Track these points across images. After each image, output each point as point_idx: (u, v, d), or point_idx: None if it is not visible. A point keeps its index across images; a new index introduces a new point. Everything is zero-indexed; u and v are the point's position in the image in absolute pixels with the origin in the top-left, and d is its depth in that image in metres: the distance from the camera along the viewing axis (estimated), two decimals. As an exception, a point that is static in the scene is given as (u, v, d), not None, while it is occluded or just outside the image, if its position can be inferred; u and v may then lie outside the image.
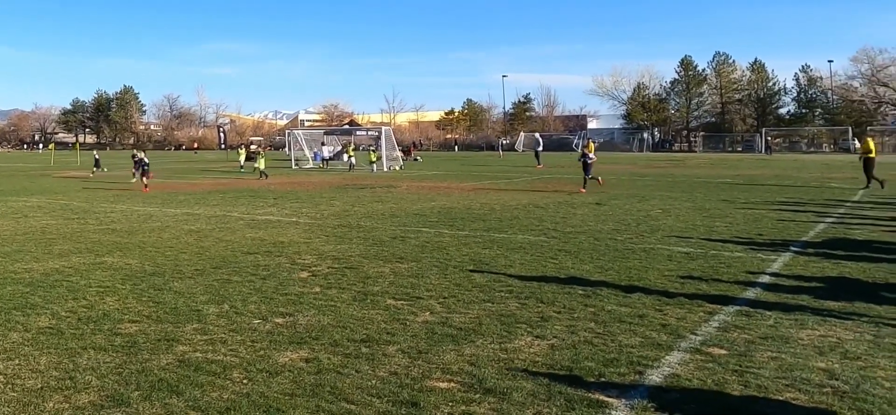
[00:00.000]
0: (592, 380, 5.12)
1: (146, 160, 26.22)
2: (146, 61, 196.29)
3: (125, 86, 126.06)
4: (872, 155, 23.51)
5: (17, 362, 5.63)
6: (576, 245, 11.31)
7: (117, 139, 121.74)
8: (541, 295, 7.77)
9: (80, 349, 5.93)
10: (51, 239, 12.41)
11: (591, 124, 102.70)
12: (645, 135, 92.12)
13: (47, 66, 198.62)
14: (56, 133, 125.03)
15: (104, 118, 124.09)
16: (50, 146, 74.32)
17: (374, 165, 37.36)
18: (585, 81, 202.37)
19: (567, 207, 17.45)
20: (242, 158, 37.36)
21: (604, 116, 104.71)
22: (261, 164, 32.43)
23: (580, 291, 7.93)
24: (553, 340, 6.12)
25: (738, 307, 7.20)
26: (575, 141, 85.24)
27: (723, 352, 5.75)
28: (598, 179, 23.37)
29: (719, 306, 7.24)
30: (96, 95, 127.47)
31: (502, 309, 7.19)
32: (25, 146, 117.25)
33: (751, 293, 7.85)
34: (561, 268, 9.39)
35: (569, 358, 5.62)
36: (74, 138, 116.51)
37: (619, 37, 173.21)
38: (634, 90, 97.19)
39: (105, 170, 36.07)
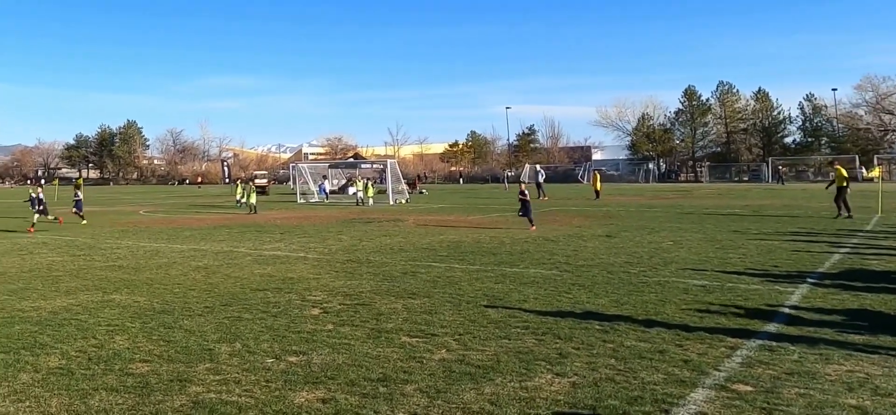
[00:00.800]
0: (618, 419, 5.03)
1: (40, 197, 24.39)
2: (149, 96, 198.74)
3: (128, 120, 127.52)
4: (844, 184, 23.59)
5: (27, 403, 5.56)
6: (589, 279, 11.23)
7: (121, 174, 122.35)
8: (558, 331, 7.68)
9: (92, 390, 5.85)
10: (57, 276, 12.37)
11: (596, 155, 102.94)
12: (650, 165, 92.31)
13: (50, 102, 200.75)
14: (59, 168, 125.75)
15: (108, 153, 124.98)
16: (54, 182, 74.57)
17: (371, 199, 37.21)
18: (589, 112, 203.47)
19: (577, 239, 17.38)
20: (238, 193, 37.10)
21: (609, 147, 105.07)
22: (252, 198, 32.36)
23: (598, 326, 7.85)
24: (574, 377, 6.03)
25: (760, 342, 7.10)
26: (580, 172, 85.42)
27: (749, 389, 5.65)
28: (530, 221, 20.39)
29: (741, 341, 7.14)
30: (100, 130, 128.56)
31: (520, 345, 7.10)
32: (29, 182, 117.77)
33: (772, 327, 7.75)
34: (576, 302, 9.30)
35: (591, 396, 5.53)
36: (78, 173, 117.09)
37: (622, 68, 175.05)
38: (639, 121, 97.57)
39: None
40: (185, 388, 5.89)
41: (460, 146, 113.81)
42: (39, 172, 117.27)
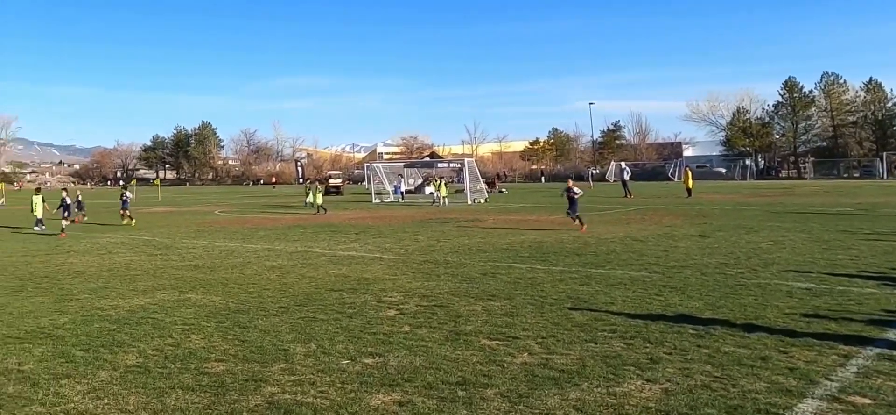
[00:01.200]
0: (718, 430, 4.84)
1: (68, 202, 24.05)
2: (223, 97, 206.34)
3: (203, 122, 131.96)
4: None
5: (106, 401, 5.79)
6: (681, 280, 10.90)
7: (196, 175, 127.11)
8: (648, 335, 7.48)
9: (168, 389, 6.05)
10: (135, 275, 12.91)
11: (687, 152, 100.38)
12: (747, 162, 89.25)
13: (128, 104, 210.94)
14: (137, 169, 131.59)
15: (183, 154, 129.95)
16: (132, 182, 78.24)
17: (445, 198, 37.24)
18: (679, 107, 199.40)
19: (667, 239, 16.93)
20: (310, 196, 37.61)
21: (701, 142, 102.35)
22: (318, 198, 32.89)
23: (691, 331, 7.60)
24: (666, 384, 5.85)
25: (878, 350, 6.71)
26: (670, 169, 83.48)
27: (867, 402, 5.33)
28: (579, 220, 20.06)
29: (855, 348, 6.77)
30: (175, 132, 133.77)
31: (607, 350, 6.95)
32: (108, 183, 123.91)
33: (892, 334, 7.32)
34: (667, 305, 9.05)
35: (686, 404, 5.35)
36: (155, 174, 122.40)
37: (714, 60, 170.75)
38: (733, 115, 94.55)
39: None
40: (259, 388, 6.02)
41: (541, 144, 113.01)
42: (115, 176, 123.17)
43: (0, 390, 6.14)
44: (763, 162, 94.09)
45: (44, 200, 25.48)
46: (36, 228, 24.22)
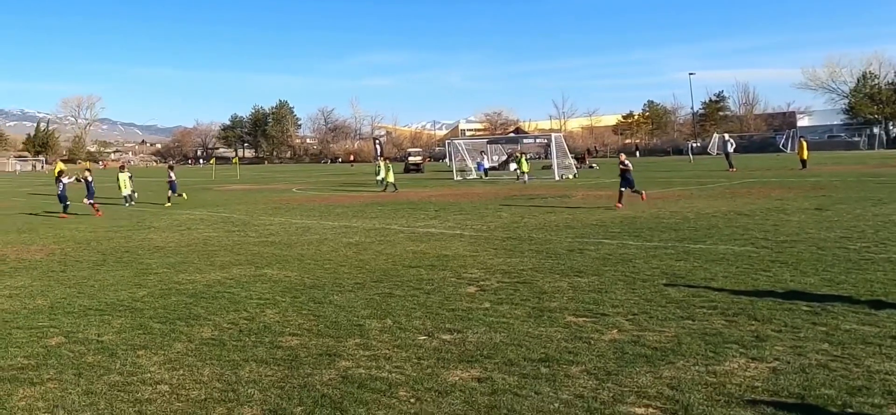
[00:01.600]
0: (835, 411, 4.62)
1: (89, 179, 24.23)
2: (300, 76, 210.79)
3: (280, 100, 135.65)
4: None
5: (181, 372, 6.01)
6: (793, 255, 10.47)
7: (274, 153, 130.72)
8: (753, 311, 7.22)
9: (242, 361, 6.23)
10: (213, 251, 13.36)
11: (802, 122, 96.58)
12: (876, 130, 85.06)
13: (207, 84, 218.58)
14: (216, 148, 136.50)
15: (261, 133, 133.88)
16: (211, 161, 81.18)
17: (526, 174, 36.75)
18: (791, 74, 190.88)
19: (777, 213, 16.30)
20: (382, 173, 37.63)
21: (818, 112, 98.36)
22: (389, 175, 32.93)
23: (805, 308, 7.29)
24: (774, 362, 5.63)
25: None
26: (782, 141, 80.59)
27: None
28: (641, 194, 20.41)
29: None
30: (253, 111, 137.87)
31: (706, 327, 6.74)
32: (188, 161, 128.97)
33: None
34: (776, 281, 8.71)
35: (798, 384, 5.13)
36: (234, 153, 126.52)
37: (833, 24, 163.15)
38: (858, 81, 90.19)
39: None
40: (334, 362, 6.12)
41: (636, 117, 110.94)
42: (195, 154, 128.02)
43: (80, 359, 6.46)
44: (895, 130, 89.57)
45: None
46: (125, 204, 25.90)
